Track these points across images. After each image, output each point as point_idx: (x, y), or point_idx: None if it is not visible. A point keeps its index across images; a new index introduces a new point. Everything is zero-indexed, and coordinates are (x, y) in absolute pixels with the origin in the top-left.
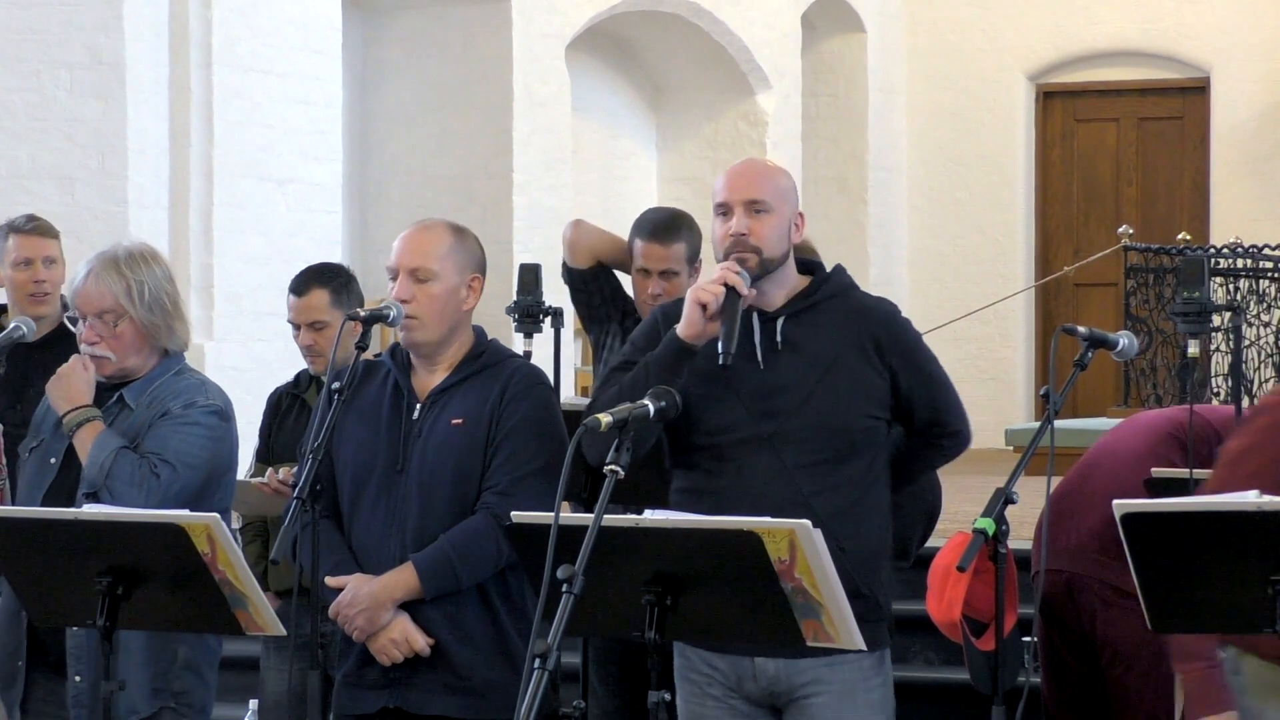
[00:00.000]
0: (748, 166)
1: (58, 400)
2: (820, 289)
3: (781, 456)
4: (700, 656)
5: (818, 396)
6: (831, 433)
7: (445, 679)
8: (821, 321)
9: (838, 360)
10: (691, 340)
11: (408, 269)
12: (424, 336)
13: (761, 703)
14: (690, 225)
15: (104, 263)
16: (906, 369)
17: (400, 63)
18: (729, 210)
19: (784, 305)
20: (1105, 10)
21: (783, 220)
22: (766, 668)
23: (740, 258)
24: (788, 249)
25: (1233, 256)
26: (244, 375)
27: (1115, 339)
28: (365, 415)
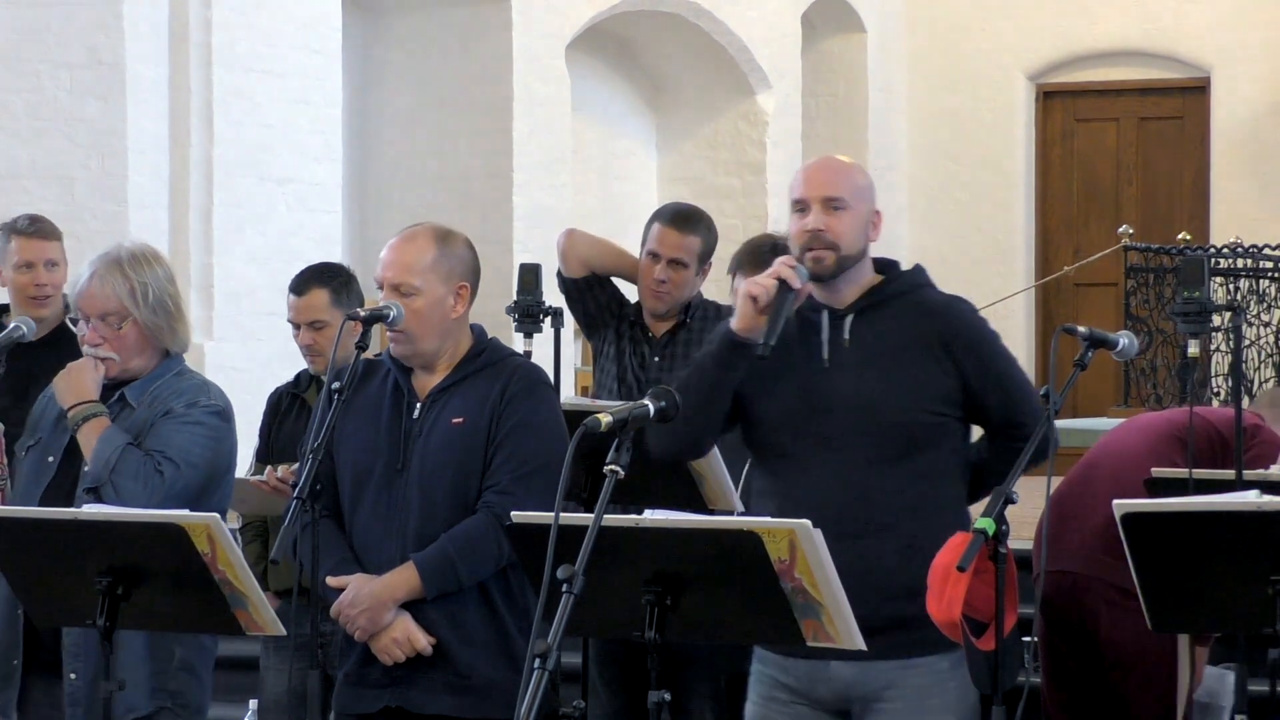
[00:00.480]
0: (826, 163)
1: (64, 394)
2: (890, 286)
3: (845, 454)
4: (771, 659)
5: (883, 394)
6: (891, 429)
7: (446, 678)
8: (889, 319)
9: (901, 356)
10: (743, 333)
11: (390, 284)
12: (411, 350)
13: (832, 708)
14: (710, 225)
15: (108, 264)
16: (976, 367)
17: (400, 63)
18: (806, 207)
19: (854, 302)
20: (1105, 10)
21: (859, 217)
22: (842, 672)
23: (817, 255)
24: (864, 246)
25: (1233, 256)
26: (244, 375)
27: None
28: (365, 415)
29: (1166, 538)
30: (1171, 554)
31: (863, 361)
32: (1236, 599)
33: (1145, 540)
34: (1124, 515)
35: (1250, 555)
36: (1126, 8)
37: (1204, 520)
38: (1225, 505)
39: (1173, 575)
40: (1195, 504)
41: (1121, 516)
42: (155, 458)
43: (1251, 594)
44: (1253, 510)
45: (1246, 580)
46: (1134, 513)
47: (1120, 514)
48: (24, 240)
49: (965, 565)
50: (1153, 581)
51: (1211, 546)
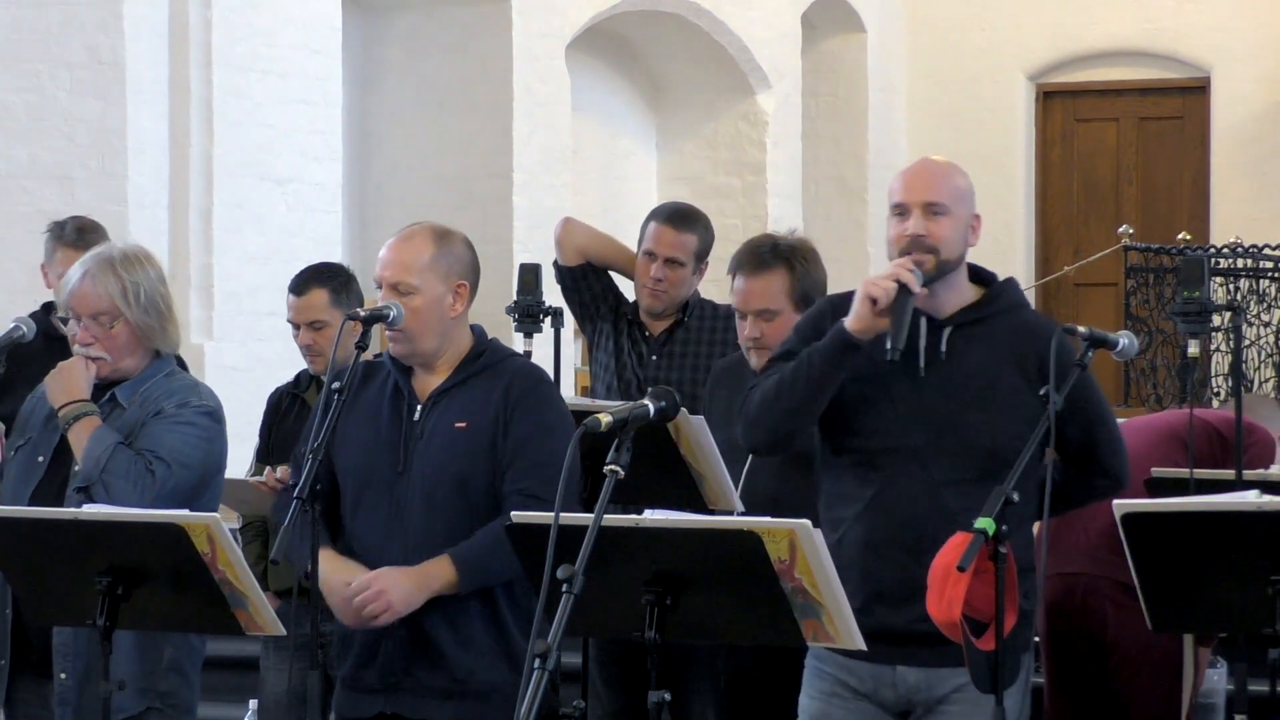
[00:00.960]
0: (926, 166)
1: (55, 393)
2: (994, 302)
3: (930, 470)
4: (837, 660)
5: (974, 413)
6: (983, 452)
7: (443, 683)
8: (988, 336)
9: (998, 378)
10: (859, 334)
11: (389, 284)
12: (410, 349)
13: (895, 709)
14: (707, 224)
15: (100, 264)
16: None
17: (400, 63)
18: (906, 211)
19: (954, 315)
20: (1105, 10)
21: (960, 222)
22: (908, 677)
23: (918, 260)
24: (964, 251)
25: (1233, 256)
26: (244, 375)
27: (1115, 339)
28: (366, 417)
29: (1166, 538)
30: (1171, 554)
31: (964, 378)
32: (1236, 599)
33: (1145, 540)
34: (1124, 515)
35: (1250, 555)
36: (1126, 8)
37: (1204, 520)
38: (1225, 505)
39: (1173, 575)
40: (1195, 504)
41: (1121, 516)
42: (146, 457)
43: (1251, 594)
44: (1253, 510)
45: (1246, 580)
46: (1134, 513)
47: (1120, 514)
48: (69, 250)
49: (965, 565)
50: (1153, 581)
51: (1211, 546)
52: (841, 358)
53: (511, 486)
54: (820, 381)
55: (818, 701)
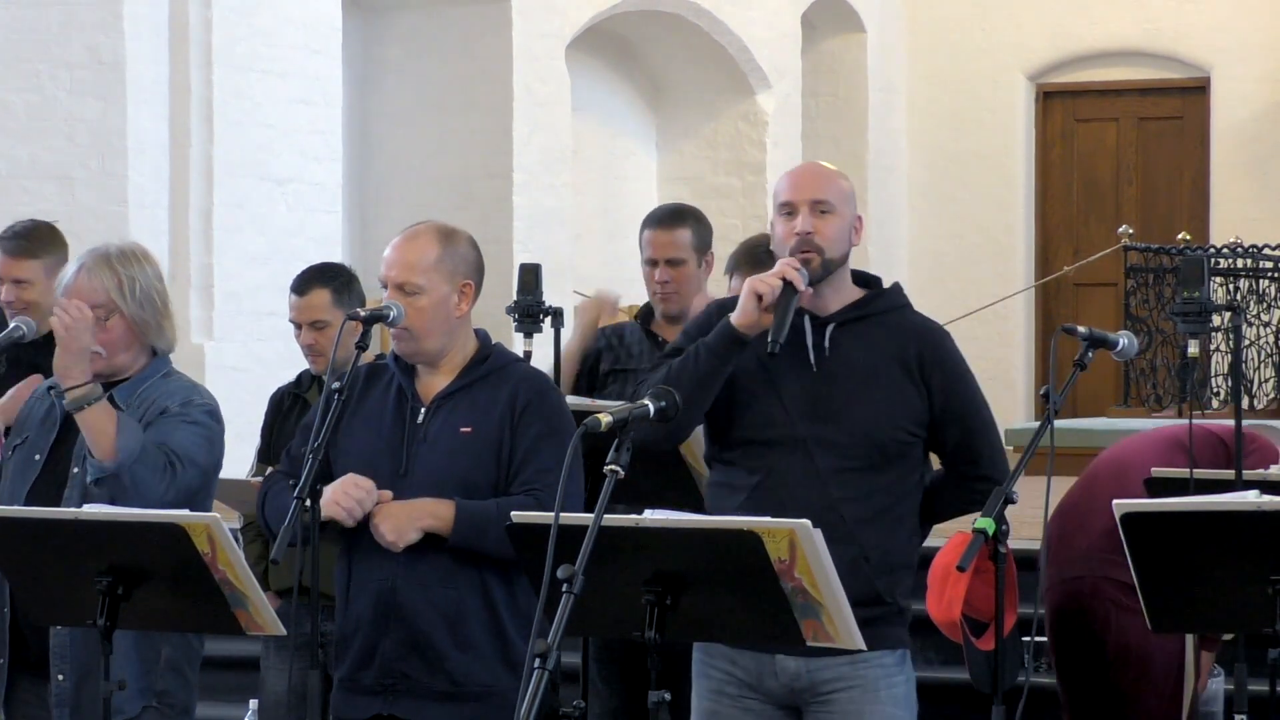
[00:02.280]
0: (811, 168)
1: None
2: (875, 301)
3: (815, 460)
4: (720, 652)
5: (858, 405)
6: (867, 442)
7: (440, 686)
8: (871, 333)
9: (881, 372)
10: (744, 329)
11: (394, 283)
12: (415, 348)
13: (782, 701)
14: (698, 216)
15: (96, 259)
16: (944, 392)
17: (400, 63)
18: (794, 209)
19: (837, 312)
20: (1105, 10)
21: (844, 222)
22: (787, 665)
23: (804, 257)
24: (847, 251)
25: (1233, 256)
26: (244, 375)
27: (1115, 339)
28: (369, 420)
29: (1166, 538)
30: (1171, 554)
31: (841, 372)
32: (1236, 599)
33: (1145, 540)
34: (1124, 515)
35: (1250, 555)
36: (1126, 8)
37: (1204, 520)
38: (1225, 505)
39: (1173, 575)
40: (1195, 504)
41: (1121, 516)
42: (165, 451)
43: (1251, 594)
44: (1253, 510)
45: (1246, 580)
46: (1134, 513)
47: (1120, 514)
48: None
49: (965, 565)
50: (1153, 581)
51: (1211, 546)
52: (728, 352)
53: (519, 488)
54: (707, 376)
55: (705, 700)
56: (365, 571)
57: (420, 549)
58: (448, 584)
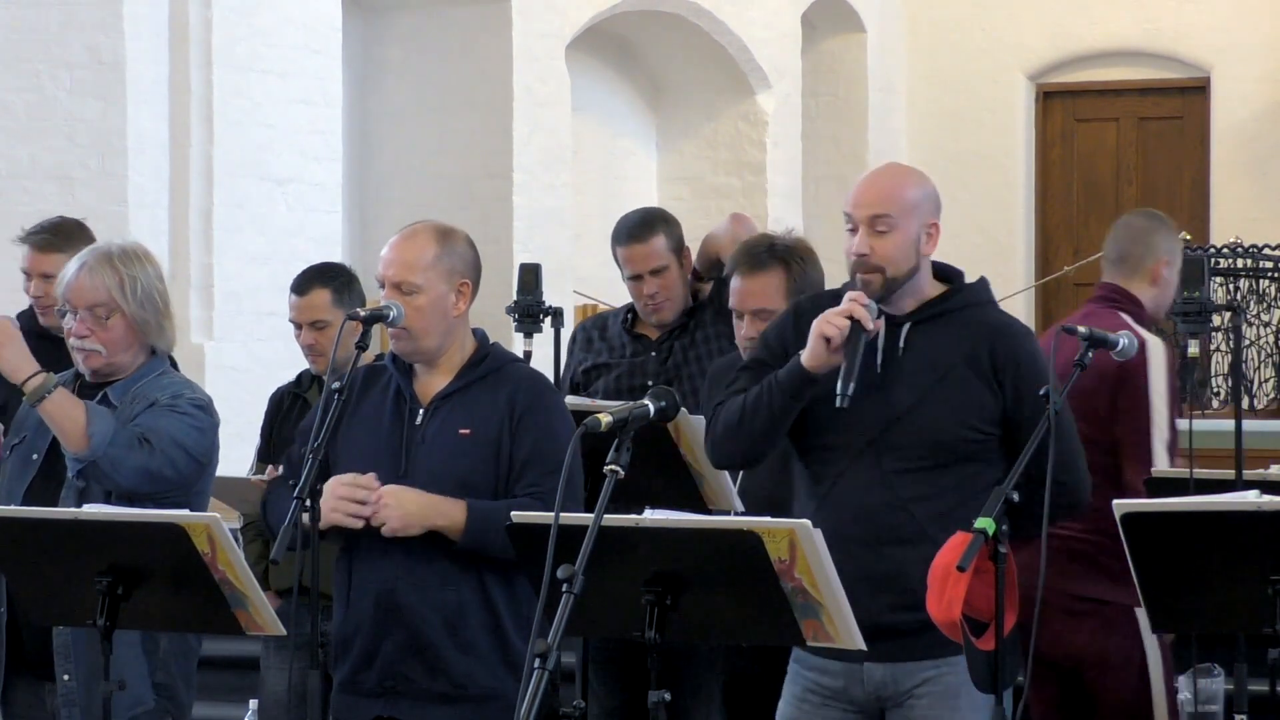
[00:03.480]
0: (876, 177)
1: (12, 368)
2: (953, 298)
3: (883, 462)
4: (812, 662)
5: (925, 405)
6: (935, 442)
7: (441, 688)
8: (946, 331)
9: (952, 370)
10: (815, 370)
11: (392, 283)
12: (413, 348)
13: (867, 708)
14: (665, 218)
15: (97, 257)
16: (1016, 391)
17: (400, 63)
18: (854, 226)
19: (914, 311)
20: (1105, 10)
21: (908, 235)
22: (874, 673)
23: (865, 278)
24: (915, 263)
25: (1233, 256)
26: (244, 375)
27: (1115, 339)
28: (367, 421)
29: (1166, 538)
30: (1171, 554)
31: (915, 372)
32: (1236, 599)
33: (1145, 540)
34: (1124, 515)
35: (1250, 555)
36: (1126, 8)
37: (1204, 520)
38: (1225, 505)
39: (1173, 575)
40: (1195, 504)
41: (1121, 516)
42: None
43: (1251, 594)
44: (1253, 510)
45: (1246, 580)
46: (1134, 513)
47: (1120, 514)
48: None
49: (965, 565)
50: (1153, 581)
51: (1211, 546)
52: (800, 391)
53: (523, 490)
54: (780, 413)
55: (789, 706)
56: (365, 573)
57: (421, 551)
58: (448, 586)
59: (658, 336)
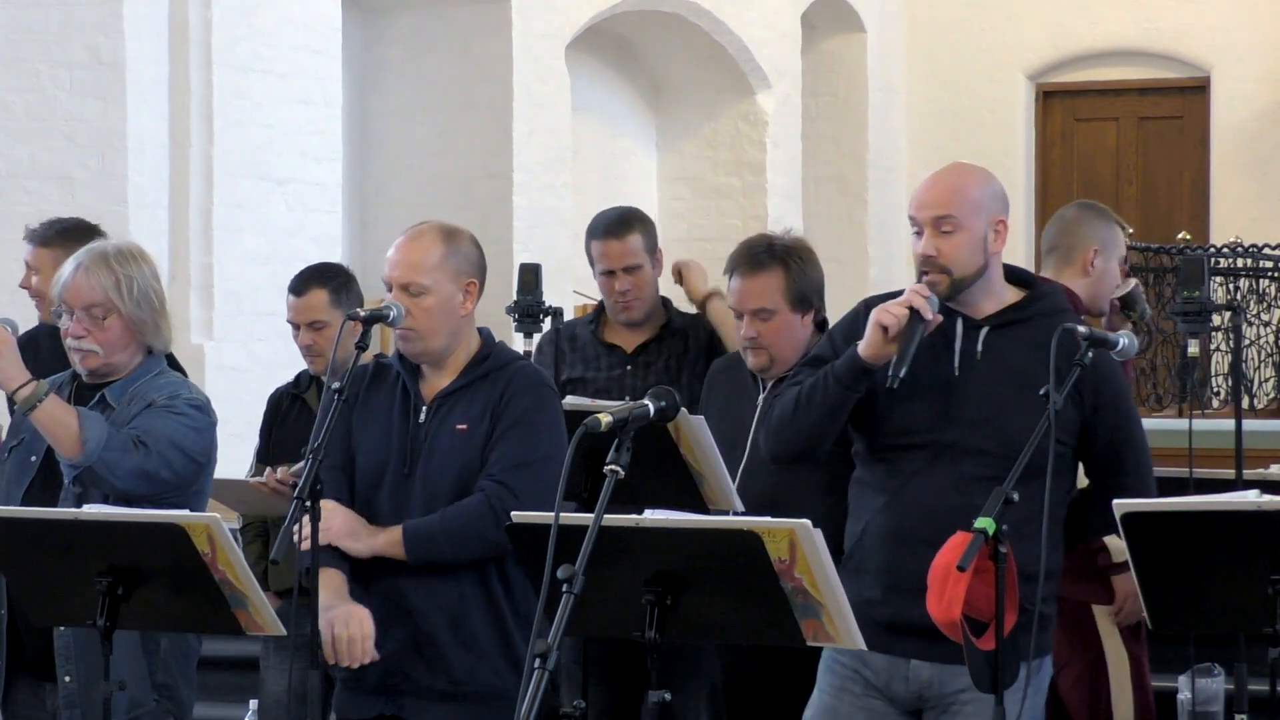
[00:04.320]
0: (939, 178)
1: (8, 375)
2: (1035, 304)
3: (960, 466)
4: (850, 652)
5: (1006, 412)
6: (1013, 451)
7: (442, 686)
8: (1026, 338)
9: (1035, 379)
10: (871, 360)
11: (399, 284)
12: (421, 348)
13: (906, 705)
14: (641, 217)
15: (94, 258)
16: (1095, 399)
17: (400, 63)
18: (920, 228)
19: (993, 315)
20: (1105, 10)
21: (974, 235)
22: (921, 671)
23: (931, 280)
24: (984, 262)
25: (1233, 256)
26: (244, 375)
27: (1115, 338)
28: (376, 418)
29: (1166, 537)
30: (1171, 554)
31: (994, 377)
32: (1236, 599)
33: (1145, 540)
34: (1124, 515)
35: (1250, 555)
36: (1126, 8)
37: (1204, 520)
38: (1225, 505)
39: (1173, 575)
40: (1195, 504)
41: (1121, 516)
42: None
43: (1251, 594)
44: (1253, 510)
45: (1246, 580)
46: (1134, 512)
47: (1120, 514)
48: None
49: (965, 565)
50: (1153, 581)
51: (1211, 546)
52: (856, 382)
53: (484, 472)
54: (836, 404)
55: (826, 695)
56: (369, 572)
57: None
58: (451, 584)
59: (632, 349)
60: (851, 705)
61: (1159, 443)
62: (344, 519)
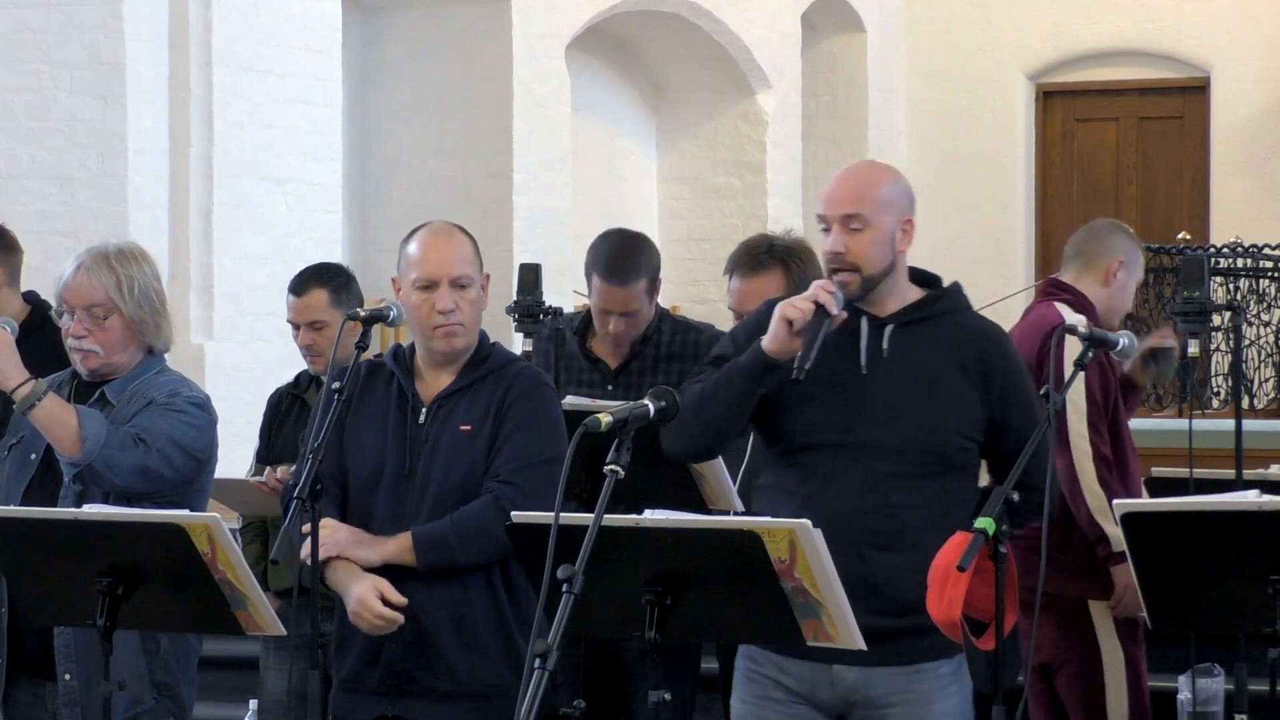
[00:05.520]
0: (848, 176)
1: (6, 374)
2: (937, 302)
3: (871, 465)
4: (771, 659)
5: (916, 410)
6: (926, 448)
7: (445, 686)
8: (931, 335)
9: (941, 376)
10: (776, 355)
11: (450, 279)
12: (467, 342)
13: (831, 710)
14: (646, 251)
15: (95, 258)
16: (1003, 397)
17: (400, 63)
18: (828, 225)
19: (897, 313)
20: (1105, 10)
21: (883, 233)
22: (845, 676)
23: (841, 279)
24: (892, 259)
25: (1233, 256)
26: (244, 375)
27: (1115, 339)
28: (373, 419)
29: (1166, 537)
30: (1171, 554)
31: (901, 374)
32: (1236, 599)
33: (1145, 540)
34: (1124, 515)
35: (1250, 555)
36: (1126, 8)
37: (1204, 520)
38: (1225, 505)
39: (1173, 575)
40: (1195, 504)
41: (1122, 516)
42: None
43: (1251, 594)
44: (1253, 510)
45: (1246, 580)
46: (1134, 512)
47: (1120, 514)
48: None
49: (965, 565)
50: (1153, 581)
51: (1211, 546)
52: (760, 376)
53: (490, 473)
54: (740, 399)
55: (750, 705)
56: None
57: None
58: (453, 584)
59: (615, 366)
60: (777, 713)
61: (1159, 443)
62: (347, 532)
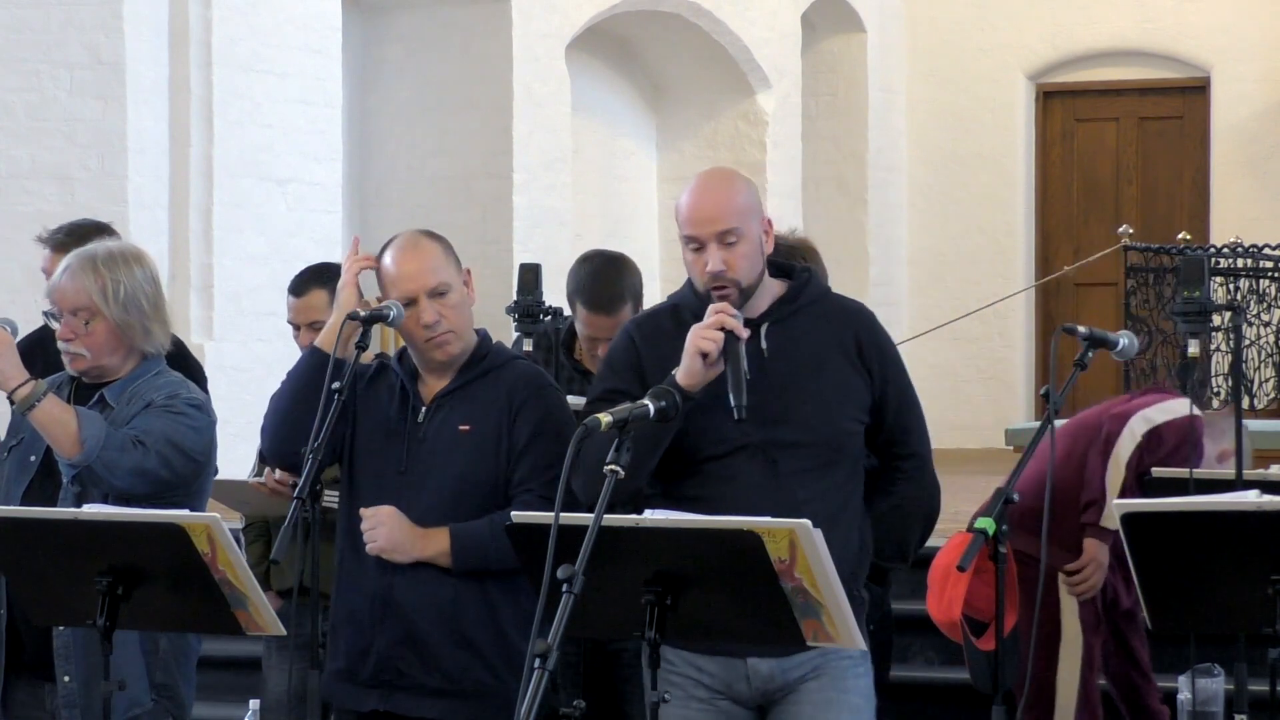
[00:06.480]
0: (709, 191)
1: (6, 375)
2: (802, 293)
3: (775, 464)
4: (685, 659)
5: (809, 402)
6: (822, 438)
7: (435, 682)
8: (805, 326)
9: (826, 364)
10: (690, 389)
11: (427, 291)
12: (461, 346)
13: (749, 703)
14: (628, 274)
15: (81, 261)
16: (882, 373)
17: (400, 63)
18: (701, 244)
19: (766, 312)
20: (1105, 10)
21: (753, 240)
22: (760, 668)
23: (721, 295)
24: (763, 264)
25: (1233, 256)
26: (244, 375)
27: (1115, 339)
28: (375, 419)
29: (1166, 538)
30: (1171, 554)
31: (786, 371)
32: (1236, 599)
33: (1145, 540)
34: (1124, 515)
35: (1250, 555)
36: (1126, 8)
37: (1204, 520)
38: (1225, 505)
39: (1173, 575)
40: (1195, 504)
41: (1122, 516)
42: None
43: (1251, 594)
44: (1253, 510)
45: (1246, 580)
46: (1134, 513)
47: (1120, 514)
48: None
49: (965, 565)
50: (1153, 581)
51: (1211, 546)
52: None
53: (520, 487)
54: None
55: (675, 707)
56: (363, 566)
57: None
58: (445, 581)
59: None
60: (702, 712)
61: None
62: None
